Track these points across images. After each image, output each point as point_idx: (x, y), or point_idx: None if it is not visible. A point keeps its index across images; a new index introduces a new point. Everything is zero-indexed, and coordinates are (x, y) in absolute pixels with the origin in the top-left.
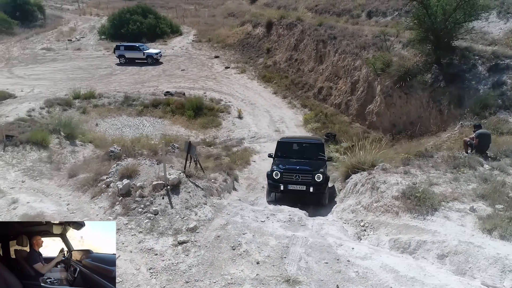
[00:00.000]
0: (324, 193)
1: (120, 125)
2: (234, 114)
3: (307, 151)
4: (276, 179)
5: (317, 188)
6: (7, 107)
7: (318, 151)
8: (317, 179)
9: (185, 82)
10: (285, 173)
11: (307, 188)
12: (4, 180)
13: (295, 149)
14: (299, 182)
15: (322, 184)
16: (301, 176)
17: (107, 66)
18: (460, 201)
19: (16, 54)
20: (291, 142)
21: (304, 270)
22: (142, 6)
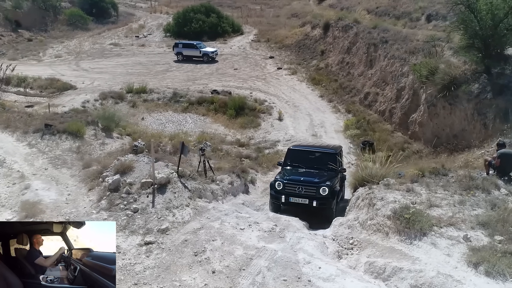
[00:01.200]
0: (331, 208)
1: (164, 120)
2: (275, 116)
3: (319, 161)
4: (278, 190)
5: (322, 202)
6: (66, 98)
7: (330, 162)
8: (322, 193)
9: (235, 81)
10: (288, 184)
11: (310, 202)
12: (30, 167)
13: (305, 158)
14: (301, 195)
15: (328, 198)
16: (304, 189)
17: (165, 62)
18: (456, 227)
19: (86, 49)
20: (302, 150)
21: (258, 285)
22: (206, 5)
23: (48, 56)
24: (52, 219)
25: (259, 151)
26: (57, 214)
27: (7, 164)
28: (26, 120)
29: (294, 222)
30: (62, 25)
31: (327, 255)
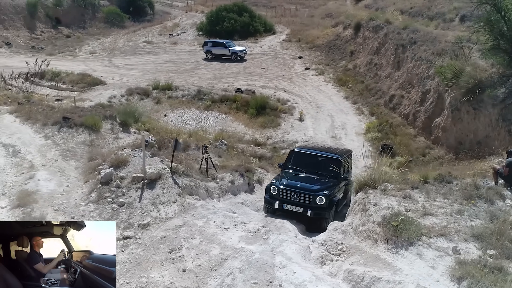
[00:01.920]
0: (326, 219)
1: (186, 117)
2: (295, 116)
3: (322, 166)
4: (273, 194)
5: (317, 213)
6: (94, 93)
7: (334, 168)
8: (319, 202)
9: (260, 81)
10: (283, 190)
11: (304, 211)
12: (42, 158)
13: (308, 162)
14: (296, 202)
15: (324, 209)
16: (300, 196)
17: (194, 60)
18: (447, 238)
19: (120, 45)
20: (305, 153)
21: (226, 287)
22: (239, 4)
23: (83, 52)
24: (41, 208)
25: (274, 151)
26: (48, 204)
27: (21, 154)
28: (47, 113)
29: (287, 225)
30: (99, 23)
31: (309, 260)
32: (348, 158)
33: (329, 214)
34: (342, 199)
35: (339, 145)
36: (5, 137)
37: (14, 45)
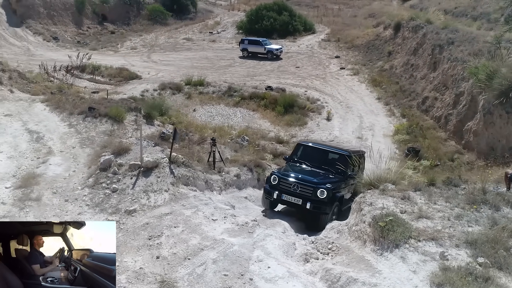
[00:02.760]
0: (327, 214)
1: (214, 113)
2: (323, 115)
3: (328, 161)
4: (273, 184)
5: (317, 206)
6: (129, 86)
7: (340, 164)
8: (320, 195)
9: (293, 79)
10: (283, 179)
11: (303, 203)
12: (62, 144)
13: (314, 156)
14: (296, 193)
15: (325, 203)
16: (300, 188)
17: (230, 58)
18: (438, 242)
19: (161, 42)
20: (311, 147)
21: (195, 276)
22: (279, 3)
23: (125, 47)
24: (41, 190)
25: None
26: (48, 187)
27: (43, 140)
28: (75, 103)
29: (281, 221)
30: (143, 20)
31: (291, 256)
32: (360, 158)
33: (330, 209)
34: (349, 199)
35: (355, 146)
36: (33, 124)
37: (61, 39)
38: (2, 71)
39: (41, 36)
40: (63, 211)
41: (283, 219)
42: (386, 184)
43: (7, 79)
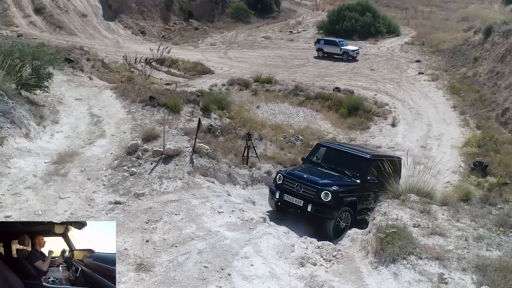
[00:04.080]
0: (331, 220)
1: (277, 111)
2: (389, 121)
3: (346, 164)
4: (278, 183)
5: (319, 209)
6: (200, 80)
7: (358, 167)
8: (324, 198)
9: (365, 82)
10: (287, 178)
11: (305, 205)
12: (116, 129)
13: (332, 157)
14: (298, 194)
15: (329, 206)
16: (303, 188)
17: (305, 58)
18: (442, 263)
19: (240, 40)
20: (331, 147)
21: (174, 263)
22: (362, 4)
23: (204, 43)
24: (71, 168)
25: None
26: (79, 165)
27: (101, 124)
28: (139, 92)
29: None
30: (226, 17)
31: (285, 258)
32: (393, 165)
33: (334, 214)
34: (367, 208)
35: (388, 151)
36: (96, 109)
37: (148, 33)
38: (87, 60)
39: (130, 30)
40: (81, 188)
41: (298, 220)
42: (409, 194)
43: (90, 67)
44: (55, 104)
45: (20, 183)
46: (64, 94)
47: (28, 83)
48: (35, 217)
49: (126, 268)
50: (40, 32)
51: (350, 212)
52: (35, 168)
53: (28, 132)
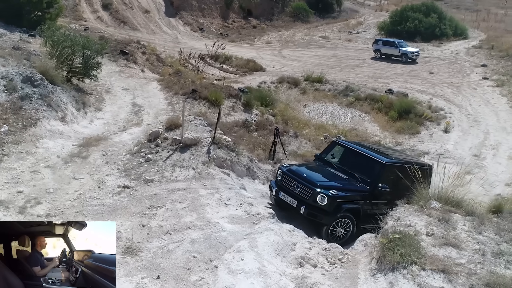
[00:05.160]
0: (325, 225)
1: (324, 111)
2: (441, 127)
3: (359, 167)
4: (277, 179)
5: (312, 213)
6: (250, 77)
7: (371, 172)
8: (319, 201)
9: (421, 85)
10: (286, 175)
11: (298, 206)
12: (154, 119)
13: (346, 158)
14: (294, 194)
15: (324, 211)
16: (300, 188)
17: (361, 58)
18: (448, 277)
19: (296, 39)
20: (345, 146)
21: (164, 250)
22: (427, 4)
23: (260, 41)
24: (94, 151)
25: None
26: (103, 149)
27: (140, 113)
28: (182, 85)
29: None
30: (285, 16)
31: (283, 256)
32: (422, 173)
33: (328, 220)
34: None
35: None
36: (140, 99)
37: (206, 30)
38: (142, 53)
39: (189, 27)
40: (96, 170)
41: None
42: (430, 201)
43: (144, 61)
44: (102, 92)
45: (42, 162)
46: (113, 84)
47: (76, 71)
48: (45, 195)
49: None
50: (105, 26)
51: (352, 219)
52: (61, 150)
53: (64, 116)
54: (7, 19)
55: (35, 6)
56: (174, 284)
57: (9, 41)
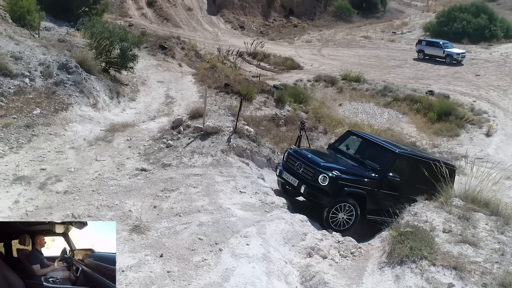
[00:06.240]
0: (326, 209)
1: (360, 110)
2: (483, 130)
3: (372, 156)
4: (284, 160)
5: (312, 193)
6: (287, 75)
7: (381, 160)
8: (321, 181)
9: (465, 87)
10: (292, 156)
11: (299, 185)
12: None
13: (358, 147)
14: (296, 173)
15: (325, 192)
16: (303, 167)
17: (402, 59)
18: (460, 274)
19: (337, 38)
20: (359, 135)
21: (171, 231)
22: (477, 4)
23: (300, 40)
24: (119, 136)
25: None
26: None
27: (172, 105)
28: (216, 79)
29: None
30: (327, 16)
31: (292, 245)
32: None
33: (329, 202)
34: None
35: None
36: (173, 91)
37: (246, 28)
38: (181, 49)
39: (230, 25)
40: (118, 154)
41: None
42: (452, 198)
43: (182, 56)
44: (138, 84)
45: (68, 144)
46: (149, 77)
47: (113, 61)
48: (66, 173)
49: (122, 227)
50: (149, 23)
51: (355, 206)
52: (89, 134)
53: (96, 103)
54: (56, 13)
55: (82, 2)
56: (176, 263)
57: (56, 35)
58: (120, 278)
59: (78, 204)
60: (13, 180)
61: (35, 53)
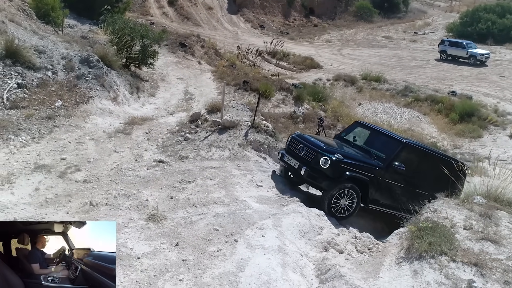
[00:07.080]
0: (327, 192)
1: (380, 110)
2: (507, 132)
3: (379, 145)
4: (287, 144)
5: (312, 175)
6: (306, 74)
7: (387, 149)
8: (322, 164)
9: (489, 88)
10: (295, 139)
11: (299, 167)
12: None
13: (367, 138)
14: (298, 156)
15: (326, 175)
16: (305, 150)
17: (424, 59)
18: (481, 271)
19: (358, 38)
20: (365, 125)
21: (187, 221)
22: (503, 5)
23: (320, 40)
24: (138, 129)
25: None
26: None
27: (190, 101)
28: (235, 76)
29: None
30: (348, 16)
31: (308, 239)
32: (449, 167)
33: (330, 186)
34: (387, 199)
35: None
36: (192, 88)
37: (266, 28)
38: (201, 47)
39: (250, 24)
40: (136, 146)
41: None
42: (474, 196)
43: (202, 54)
44: (158, 80)
45: (88, 136)
46: (169, 73)
47: (134, 57)
48: (85, 163)
49: (139, 216)
50: (170, 22)
51: (357, 191)
52: (108, 126)
53: (116, 97)
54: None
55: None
56: (191, 252)
57: (79, 32)
58: (135, 264)
59: (97, 193)
60: (34, 168)
61: (58, 48)
